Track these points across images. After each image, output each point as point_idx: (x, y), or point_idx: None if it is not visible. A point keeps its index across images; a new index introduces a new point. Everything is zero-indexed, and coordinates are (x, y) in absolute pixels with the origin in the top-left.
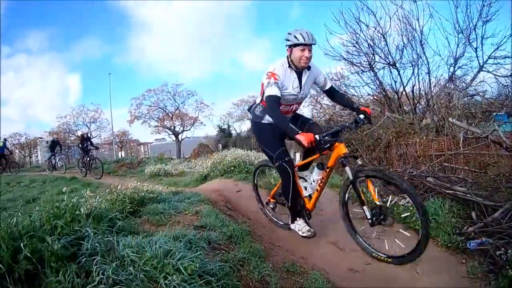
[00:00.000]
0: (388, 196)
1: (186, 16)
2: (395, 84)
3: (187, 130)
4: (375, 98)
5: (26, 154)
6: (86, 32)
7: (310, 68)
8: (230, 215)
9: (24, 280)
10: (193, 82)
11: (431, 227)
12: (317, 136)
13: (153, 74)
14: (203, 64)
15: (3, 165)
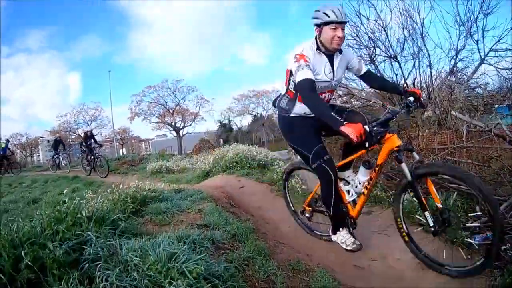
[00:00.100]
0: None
1: (186, 13)
2: (396, 77)
3: (188, 126)
4: (376, 91)
5: (28, 154)
6: (86, 30)
7: (341, 51)
8: (233, 212)
9: None
10: (193, 77)
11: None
12: (366, 127)
13: (153, 71)
14: (203, 60)
15: (5, 166)
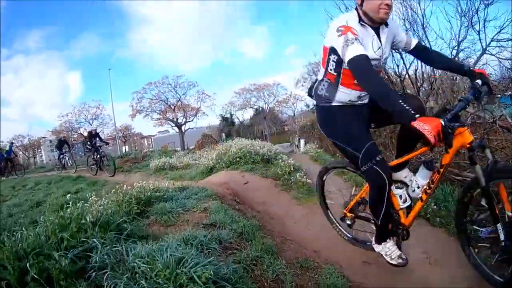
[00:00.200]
0: None
1: (185, 7)
2: (398, 67)
3: (189, 121)
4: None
5: (30, 155)
6: (84, 29)
7: (387, 23)
8: (239, 209)
9: None
10: (193, 72)
11: (442, 216)
12: (442, 121)
13: (153, 67)
14: (203, 54)
15: (9, 168)
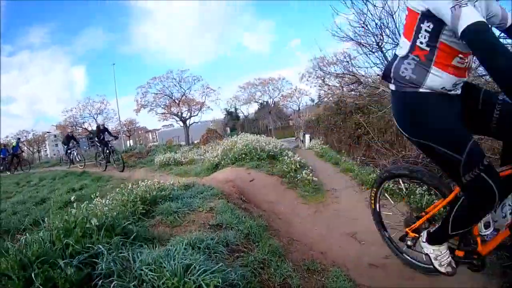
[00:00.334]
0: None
1: (188, 2)
2: None
3: (194, 116)
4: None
5: (35, 150)
6: (88, 24)
7: None
8: (245, 208)
9: None
10: (197, 66)
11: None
12: None
13: (157, 62)
14: (207, 49)
15: (14, 164)
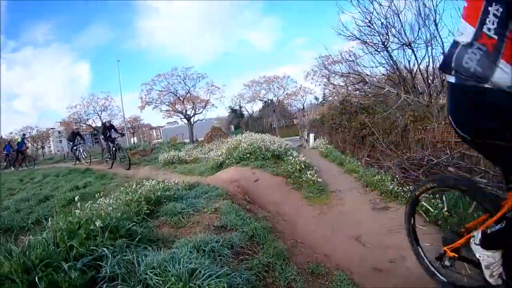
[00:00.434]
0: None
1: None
2: (409, 63)
3: (199, 113)
4: (390, 78)
5: (39, 147)
6: (92, 20)
7: None
8: (249, 209)
9: None
10: (201, 63)
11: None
12: None
13: (161, 58)
14: (212, 46)
15: (19, 160)
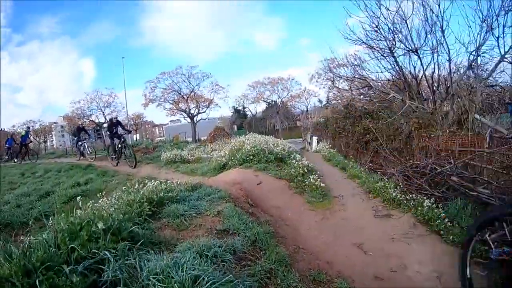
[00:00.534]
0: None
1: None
2: (415, 69)
3: (202, 112)
4: (395, 84)
5: (41, 141)
6: (98, 16)
7: None
8: (252, 213)
9: None
10: (206, 62)
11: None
12: None
13: (166, 56)
14: (216, 45)
15: (23, 153)
